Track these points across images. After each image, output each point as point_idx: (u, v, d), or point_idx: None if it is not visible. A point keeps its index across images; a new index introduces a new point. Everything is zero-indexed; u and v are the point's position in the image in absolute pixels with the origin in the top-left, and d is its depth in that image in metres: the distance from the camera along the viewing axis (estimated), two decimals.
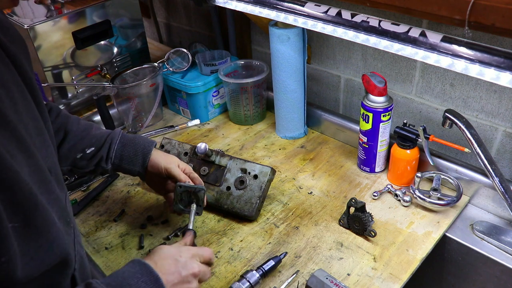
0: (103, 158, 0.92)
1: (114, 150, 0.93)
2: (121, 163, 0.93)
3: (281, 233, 0.98)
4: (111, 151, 0.92)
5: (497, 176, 0.89)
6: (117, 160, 0.93)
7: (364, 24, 0.87)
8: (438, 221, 0.98)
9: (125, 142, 0.94)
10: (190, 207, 0.91)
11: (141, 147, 0.94)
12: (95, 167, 0.92)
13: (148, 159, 0.93)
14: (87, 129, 0.93)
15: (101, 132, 0.94)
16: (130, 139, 0.95)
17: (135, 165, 0.94)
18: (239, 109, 1.34)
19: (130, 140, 0.95)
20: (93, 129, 0.94)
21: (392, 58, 1.12)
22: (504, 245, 0.92)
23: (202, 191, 0.91)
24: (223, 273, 0.90)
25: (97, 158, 0.92)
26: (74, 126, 0.92)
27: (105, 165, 0.92)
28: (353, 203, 0.95)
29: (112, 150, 0.92)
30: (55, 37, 1.26)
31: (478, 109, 1.03)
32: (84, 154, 0.91)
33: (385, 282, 0.86)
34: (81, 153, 0.91)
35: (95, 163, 0.92)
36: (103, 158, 0.92)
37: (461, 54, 0.77)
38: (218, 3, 1.14)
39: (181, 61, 1.41)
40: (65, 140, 0.91)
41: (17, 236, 0.53)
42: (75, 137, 0.91)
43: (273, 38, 1.15)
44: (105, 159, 0.92)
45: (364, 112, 1.05)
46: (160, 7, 1.79)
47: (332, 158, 1.20)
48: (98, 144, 0.92)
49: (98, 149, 0.92)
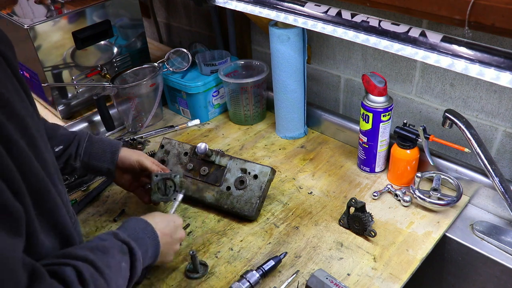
0: (71, 155, 0.93)
1: (83, 148, 0.94)
2: (90, 160, 0.94)
3: (281, 233, 0.98)
4: (79, 148, 0.94)
5: (497, 176, 0.89)
6: (86, 157, 0.94)
7: (364, 24, 0.87)
8: (438, 221, 0.98)
9: (93, 140, 0.96)
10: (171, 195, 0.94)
11: (109, 145, 0.96)
12: (64, 165, 0.93)
13: (118, 155, 0.95)
14: (54, 129, 0.95)
15: (68, 132, 0.96)
16: (98, 138, 0.97)
17: (104, 161, 0.95)
18: (239, 109, 1.34)
19: (98, 139, 0.97)
20: (60, 129, 0.96)
21: (392, 58, 1.12)
22: (504, 245, 0.92)
23: (178, 176, 0.93)
24: (223, 273, 0.90)
25: (66, 156, 0.93)
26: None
27: (74, 163, 0.93)
28: (353, 203, 0.95)
29: (81, 147, 0.94)
30: (55, 37, 1.26)
31: (478, 109, 1.03)
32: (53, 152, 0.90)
33: (385, 282, 0.86)
34: None
35: (64, 161, 0.93)
36: (72, 156, 0.93)
37: (461, 54, 0.77)
38: (218, 3, 1.14)
39: (181, 61, 1.41)
40: None
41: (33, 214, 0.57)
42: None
43: (273, 38, 1.15)
44: (73, 157, 0.93)
45: (364, 112, 1.05)
46: (160, 7, 1.79)
47: (332, 158, 1.20)
48: (66, 142, 0.93)
49: (66, 147, 0.93)
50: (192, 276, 0.89)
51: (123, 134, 1.36)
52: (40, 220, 0.59)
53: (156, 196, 0.95)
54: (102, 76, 1.39)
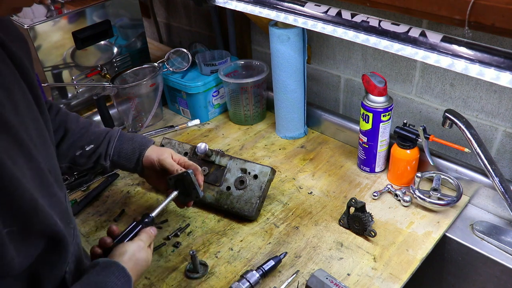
0: (101, 155, 0.92)
1: (113, 147, 0.93)
2: (119, 159, 0.93)
3: (281, 233, 0.98)
4: (109, 148, 0.93)
5: (497, 176, 0.89)
6: (115, 157, 0.93)
7: (364, 24, 0.87)
8: (438, 221, 0.98)
9: (124, 139, 0.94)
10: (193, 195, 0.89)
11: (138, 144, 0.94)
12: (94, 164, 0.93)
13: (143, 155, 0.93)
14: (86, 127, 0.94)
15: (100, 130, 0.95)
16: (129, 137, 0.95)
17: (131, 161, 0.94)
18: (239, 109, 1.34)
19: (129, 138, 0.95)
20: (92, 126, 0.95)
21: (392, 58, 1.12)
22: (504, 245, 0.92)
23: (186, 174, 0.87)
24: (223, 273, 0.90)
25: (96, 155, 0.92)
26: (74, 124, 0.93)
27: (104, 162, 0.92)
28: (353, 203, 0.95)
29: (111, 147, 0.93)
30: (55, 37, 1.26)
31: (478, 109, 1.03)
32: (83, 152, 0.91)
33: (385, 282, 0.86)
34: (81, 150, 0.91)
35: (94, 160, 0.92)
36: (102, 155, 0.92)
37: (461, 54, 0.77)
38: (218, 3, 1.14)
39: (181, 61, 1.41)
40: (65, 138, 0.91)
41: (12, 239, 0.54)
42: (75, 135, 0.91)
43: (273, 38, 1.15)
44: (103, 156, 0.92)
45: (364, 112, 1.05)
46: (160, 7, 1.79)
47: (332, 158, 1.20)
48: (97, 141, 0.92)
49: (97, 146, 0.92)
50: (192, 276, 0.89)
51: None
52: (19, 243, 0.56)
53: (179, 199, 0.90)
54: (102, 76, 1.39)
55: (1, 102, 0.56)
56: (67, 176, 1.15)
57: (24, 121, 0.60)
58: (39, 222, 0.58)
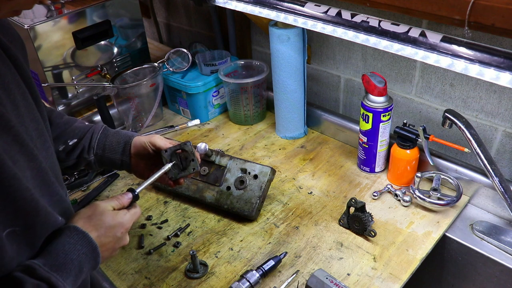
0: (85, 148, 0.88)
1: (97, 140, 0.89)
2: (104, 153, 0.89)
3: (281, 233, 0.98)
4: (93, 140, 0.88)
5: (496, 176, 0.89)
6: (99, 150, 0.89)
7: (364, 24, 0.87)
8: (438, 221, 0.99)
9: (108, 133, 0.91)
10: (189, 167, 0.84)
11: (123, 135, 0.90)
12: (77, 159, 0.88)
13: (130, 143, 0.89)
14: (70, 122, 0.90)
15: (83, 125, 0.91)
16: (114, 131, 0.92)
17: (117, 153, 0.89)
18: (239, 109, 1.35)
19: (114, 132, 0.92)
20: (76, 122, 0.91)
21: (392, 58, 1.12)
22: (503, 245, 0.92)
23: (188, 144, 0.84)
24: (223, 273, 0.90)
25: (79, 148, 0.88)
26: (58, 118, 0.89)
27: (87, 156, 0.88)
28: (353, 203, 0.95)
29: (94, 139, 0.89)
30: (55, 37, 1.26)
31: (477, 109, 1.03)
32: (66, 146, 0.87)
33: (385, 282, 0.86)
34: (63, 145, 0.87)
35: (77, 154, 0.88)
36: (85, 148, 0.88)
37: (461, 54, 0.77)
38: (218, 3, 1.14)
39: (181, 61, 1.41)
40: None
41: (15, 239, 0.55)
42: (58, 129, 0.88)
43: (273, 38, 1.15)
44: (87, 149, 0.88)
45: (364, 112, 1.05)
46: (160, 7, 1.79)
47: (332, 158, 1.21)
48: (80, 135, 0.89)
49: (80, 139, 0.88)
50: (192, 276, 0.90)
51: None
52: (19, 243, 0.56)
53: (173, 173, 0.84)
54: (102, 76, 1.39)
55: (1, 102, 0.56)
56: (67, 176, 1.15)
57: (25, 121, 0.61)
58: (41, 222, 0.59)
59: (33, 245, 0.59)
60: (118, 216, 0.71)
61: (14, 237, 0.54)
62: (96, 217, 0.68)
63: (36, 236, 0.59)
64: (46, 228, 0.60)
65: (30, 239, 0.58)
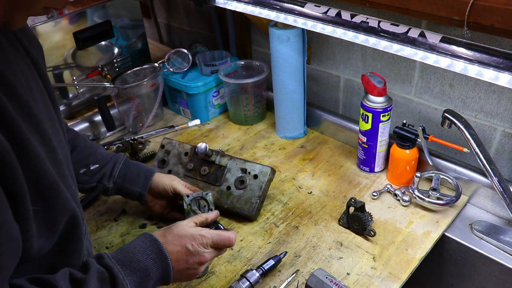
0: (105, 175, 0.94)
1: (118, 169, 0.95)
2: (124, 182, 0.95)
3: (281, 233, 0.99)
4: (115, 169, 0.94)
5: (496, 176, 0.90)
6: (119, 179, 0.95)
7: (363, 24, 0.87)
8: (437, 220, 0.99)
9: (129, 164, 0.97)
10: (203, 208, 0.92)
11: (143, 170, 0.97)
12: (97, 184, 0.93)
13: (151, 180, 0.96)
14: (93, 147, 0.96)
15: (107, 153, 0.97)
16: (134, 162, 0.98)
17: (136, 185, 0.95)
18: (239, 109, 1.35)
19: (134, 163, 0.98)
20: (99, 148, 0.97)
21: (391, 58, 1.13)
22: (502, 244, 0.92)
23: (209, 194, 0.93)
24: (223, 273, 0.90)
25: (100, 174, 0.93)
26: (82, 142, 0.95)
27: (107, 183, 0.94)
28: (352, 202, 0.95)
29: (116, 169, 0.95)
30: (56, 37, 1.27)
31: (477, 109, 1.03)
32: (88, 170, 0.92)
33: (385, 281, 0.86)
34: (85, 168, 0.92)
35: (97, 179, 0.93)
36: (106, 176, 0.94)
37: (460, 55, 0.77)
38: (218, 3, 1.15)
39: (182, 62, 1.41)
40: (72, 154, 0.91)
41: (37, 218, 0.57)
42: (82, 153, 0.93)
43: (273, 38, 1.15)
44: (108, 177, 0.94)
45: (363, 112, 1.06)
46: (160, 7, 1.79)
47: (331, 158, 1.21)
48: (103, 162, 0.94)
49: (102, 166, 0.94)
50: None
51: (123, 134, 1.36)
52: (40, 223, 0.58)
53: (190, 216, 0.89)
54: (103, 76, 1.39)
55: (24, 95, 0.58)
56: None
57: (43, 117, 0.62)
58: (61, 205, 0.61)
59: (51, 228, 0.61)
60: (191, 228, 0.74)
61: (35, 215, 0.56)
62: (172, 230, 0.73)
63: (55, 219, 0.61)
64: (64, 213, 0.62)
65: (49, 221, 0.60)
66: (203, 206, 0.92)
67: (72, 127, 1.32)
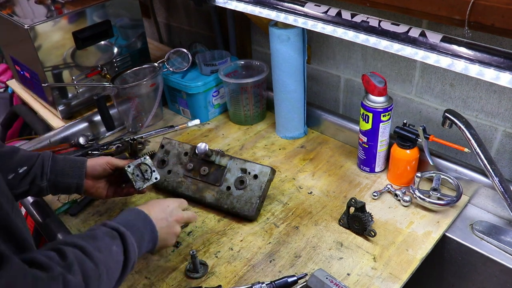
0: (37, 175, 0.90)
1: (49, 166, 0.91)
2: (57, 178, 0.92)
3: (281, 233, 0.98)
4: (45, 167, 0.91)
5: (496, 176, 0.89)
6: (52, 176, 0.91)
7: (364, 24, 0.87)
8: (438, 221, 0.99)
9: (57, 159, 0.93)
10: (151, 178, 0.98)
11: (74, 161, 0.94)
12: (29, 186, 0.90)
13: (85, 167, 0.94)
14: (13, 150, 0.91)
15: (30, 153, 0.93)
16: (62, 157, 0.95)
17: (71, 177, 0.93)
18: (239, 109, 1.35)
19: (62, 158, 0.94)
20: (20, 150, 0.92)
21: (392, 58, 1.12)
22: (503, 244, 0.92)
23: (147, 157, 0.98)
24: (223, 273, 0.90)
25: (31, 176, 0.89)
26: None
27: (40, 182, 0.90)
28: (353, 203, 0.95)
29: (46, 166, 0.91)
30: (55, 37, 1.27)
31: (477, 109, 1.03)
32: (16, 174, 0.88)
33: (385, 281, 0.86)
34: (13, 173, 0.88)
35: (29, 181, 0.89)
36: (37, 176, 0.90)
37: (461, 54, 0.77)
38: (218, 3, 1.14)
39: (181, 61, 1.41)
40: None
41: None
42: (2, 158, 0.89)
43: (273, 38, 1.15)
44: (39, 176, 0.90)
45: (364, 112, 1.05)
46: (160, 7, 1.79)
47: (332, 158, 1.21)
48: (29, 163, 0.90)
49: (31, 167, 0.90)
50: (192, 276, 0.90)
51: (123, 134, 1.36)
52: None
53: (139, 184, 0.97)
54: (102, 76, 1.39)
55: None
56: None
57: None
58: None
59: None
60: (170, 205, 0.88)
61: None
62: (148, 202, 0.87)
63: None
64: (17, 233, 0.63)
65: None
66: (144, 170, 0.98)
67: (72, 127, 1.32)
